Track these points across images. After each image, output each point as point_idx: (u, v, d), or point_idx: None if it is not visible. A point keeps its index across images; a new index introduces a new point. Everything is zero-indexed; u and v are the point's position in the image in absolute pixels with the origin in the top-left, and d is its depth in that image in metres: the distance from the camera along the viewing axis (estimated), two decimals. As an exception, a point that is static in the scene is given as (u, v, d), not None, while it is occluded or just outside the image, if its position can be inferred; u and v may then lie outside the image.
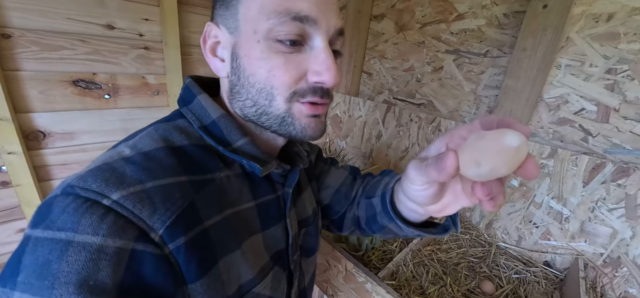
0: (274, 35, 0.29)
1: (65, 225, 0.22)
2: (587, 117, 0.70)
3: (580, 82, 0.69)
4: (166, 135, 0.31)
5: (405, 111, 0.97)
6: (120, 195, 0.24)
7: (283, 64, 0.30)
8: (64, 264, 0.21)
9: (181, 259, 0.26)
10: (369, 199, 0.46)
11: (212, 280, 0.29)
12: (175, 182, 0.28)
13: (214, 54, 0.34)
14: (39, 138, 0.95)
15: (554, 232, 0.74)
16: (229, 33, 0.32)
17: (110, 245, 0.23)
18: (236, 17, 0.30)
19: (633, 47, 0.61)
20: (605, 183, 0.65)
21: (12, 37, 0.84)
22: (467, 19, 0.84)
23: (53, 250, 0.22)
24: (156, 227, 0.25)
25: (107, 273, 0.22)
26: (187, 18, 1.13)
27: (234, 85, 0.33)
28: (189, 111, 0.34)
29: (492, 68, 0.82)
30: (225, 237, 0.31)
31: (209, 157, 0.32)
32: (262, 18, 0.29)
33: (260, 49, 0.30)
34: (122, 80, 1.06)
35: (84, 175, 0.25)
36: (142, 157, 0.28)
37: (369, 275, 0.55)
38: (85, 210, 0.23)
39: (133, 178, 0.26)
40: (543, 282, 0.71)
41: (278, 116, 0.32)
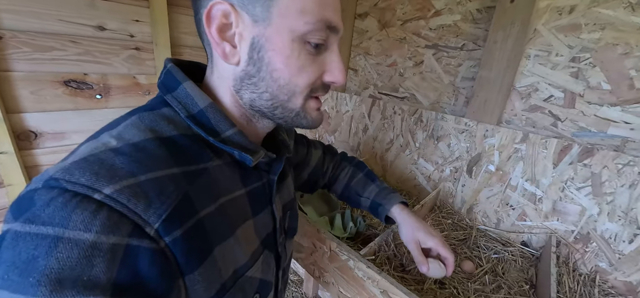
0: (308, 38, 0.31)
1: (53, 220, 0.21)
2: (556, 103, 0.74)
3: (548, 71, 0.73)
4: (153, 125, 0.30)
5: (389, 104, 1.01)
6: (114, 189, 0.23)
7: (309, 65, 0.32)
8: (53, 260, 0.20)
9: (178, 252, 0.26)
10: (357, 195, 0.64)
11: (209, 268, 0.30)
12: (169, 174, 0.27)
13: (223, 36, 0.31)
14: (31, 138, 0.96)
15: (529, 212, 0.78)
16: (253, 21, 0.30)
17: (104, 241, 0.22)
18: (269, 9, 0.29)
19: (593, 36, 0.66)
20: (572, 164, 0.70)
21: (4, 39, 0.86)
22: (444, 15, 0.88)
23: (39, 245, 0.21)
24: (152, 221, 0.24)
25: (102, 269, 0.22)
26: (177, 19, 1.16)
27: (251, 76, 0.32)
28: (174, 99, 0.32)
29: (468, 60, 0.86)
30: (220, 226, 0.31)
31: (198, 147, 0.32)
32: (301, 20, 0.29)
33: (292, 48, 0.30)
34: (113, 80, 1.08)
35: (69, 167, 0.24)
36: (132, 148, 0.27)
37: (351, 253, 0.58)
38: (76, 205, 0.22)
39: (125, 171, 0.25)
40: (520, 260, 0.75)
41: (293, 110, 0.34)
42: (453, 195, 0.92)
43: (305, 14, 0.30)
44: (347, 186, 0.65)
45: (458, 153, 0.88)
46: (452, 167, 0.90)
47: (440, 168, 0.93)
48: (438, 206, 0.94)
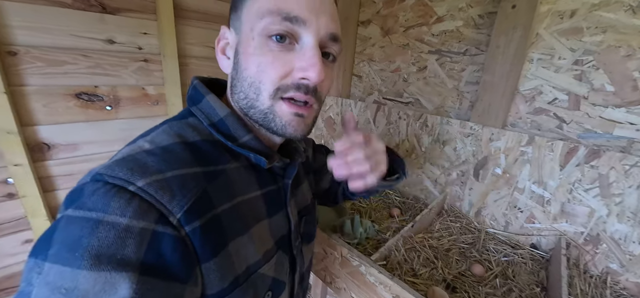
0: (266, 33, 0.32)
1: (96, 206, 0.25)
2: (560, 106, 0.75)
3: (552, 74, 0.74)
4: (180, 131, 0.34)
5: (394, 109, 1.03)
6: (145, 182, 0.27)
7: (271, 60, 0.32)
8: (95, 239, 0.24)
9: (196, 241, 0.29)
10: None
11: (223, 260, 0.32)
12: (191, 173, 0.31)
13: (223, 53, 0.38)
14: (44, 150, 0.98)
15: (538, 215, 0.78)
16: (235, 34, 0.36)
17: (135, 226, 0.25)
18: (240, 18, 0.34)
19: (595, 39, 0.67)
20: (579, 166, 0.70)
21: (18, 54, 0.88)
22: (446, 21, 0.90)
23: (84, 227, 0.24)
24: (175, 212, 0.28)
25: (132, 250, 0.25)
26: (183, 30, 1.19)
27: (233, 79, 0.37)
28: (198, 110, 0.37)
29: (471, 65, 0.88)
30: (235, 222, 0.34)
31: (218, 151, 0.36)
32: (258, 17, 0.32)
33: (254, 46, 0.33)
34: (122, 91, 1.10)
35: (111, 165, 0.28)
36: (161, 150, 0.31)
37: (362, 258, 0.59)
38: (114, 195, 0.26)
39: (154, 168, 0.29)
40: (530, 263, 0.75)
41: (262, 111, 0.34)
42: (460, 198, 0.92)
43: (261, 11, 0.32)
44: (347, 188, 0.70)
45: (464, 157, 0.89)
46: (458, 170, 0.91)
47: (447, 172, 0.94)
48: (446, 210, 0.94)
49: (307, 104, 0.35)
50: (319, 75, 0.32)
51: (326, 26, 0.33)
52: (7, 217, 0.96)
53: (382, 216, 0.89)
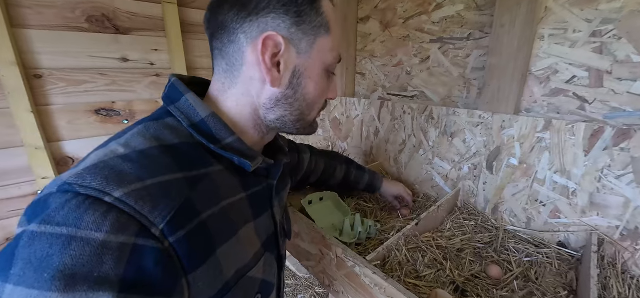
0: (330, 69, 0.40)
1: (67, 221, 0.23)
2: (580, 84, 0.67)
3: (567, 50, 0.67)
4: (158, 134, 0.32)
5: (398, 104, 0.98)
6: (123, 192, 0.25)
7: (325, 89, 0.41)
8: (67, 258, 0.22)
9: (182, 251, 0.28)
10: (356, 183, 0.85)
11: (211, 268, 0.31)
12: (172, 179, 0.29)
13: (273, 63, 0.35)
14: (69, 163, 1.07)
15: (563, 208, 0.70)
16: (297, 53, 0.36)
17: (113, 241, 0.23)
18: (312, 45, 0.37)
19: (614, 6, 0.60)
20: (607, 150, 0.62)
21: (43, 77, 0.98)
22: (445, 6, 0.85)
23: (53, 244, 0.22)
24: (157, 222, 0.26)
25: (111, 267, 0.23)
26: (191, 45, 1.25)
27: (288, 97, 0.38)
28: (176, 109, 0.35)
29: (476, 50, 0.82)
30: (222, 227, 0.33)
31: (200, 153, 0.34)
32: (331, 55, 0.39)
33: (321, 76, 0.39)
34: (137, 105, 1.17)
35: (80, 173, 0.26)
36: (139, 155, 0.29)
37: (357, 259, 0.55)
38: (88, 207, 0.24)
39: (133, 175, 0.27)
40: (556, 263, 0.67)
41: (309, 122, 0.43)
42: (474, 194, 0.85)
43: (333, 51, 0.39)
44: (345, 180, 0.84)
45: (475, 149, 0.82)
46: (470, 164, 0.84)
47: (458, 166, 0.87)
48: (459, 207, 0.87)
49: None
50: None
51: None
52: (37, 226, 1.04)
53: (387, 216, 0.85)
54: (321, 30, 0.37)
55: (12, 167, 0.97)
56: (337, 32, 0.39)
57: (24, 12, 0.91)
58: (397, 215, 0.84)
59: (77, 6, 0.98)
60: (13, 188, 0.98)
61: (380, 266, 0.60)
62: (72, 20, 0.99)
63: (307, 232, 0.67)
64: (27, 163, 0.97)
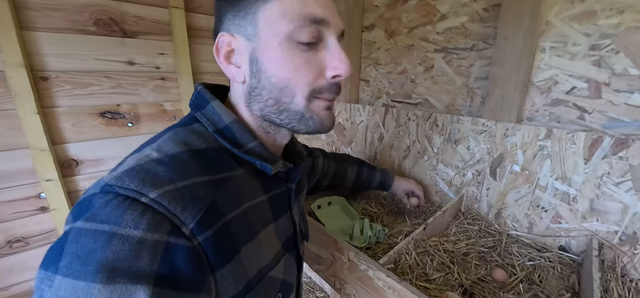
0: (295, 38, 0.32)
1: (109, 219, 0.25)
2: (580, 95, 0.70)
3: (567, 62, 0.70)
4: (186, 139, 0.34)
5: (403, 111, 1.01)
6: (157, 194, 0.27)
7: (304, 63, 0.34)
8: (109, 252, 0.24)
9: (209, 250, 0.29)
10: (369, 184, 0.88)
11: (236, 266, 0.33)
12: (200, 182, 0.31)
13: (229, 61, 0.36)
14: (73, 166, 1.06)
15: (564, 214, 0.72)
16: (246, 39, 0.34)
17: (149, 238, 0.25)
18: (255, 24, 0.33)
19: (612, 22, 0.63)
20: (606, 158, 0.64)
21: (49, 79, 0.97)
22: (450, 18, 0.89)
23: (97, 240, 0.24)
24: (187, 222, 0.28)
25: (147, 262, 0.25)
26: (197, 49, 1.26)
27: (254, 88, 0.36)
28: (203, 116, 0.37)
29: (480, 60, 0.85)
30: (244, 228, 0.35)
31: (224, 158, 0.36)
32: (284, 22, 0.32)
33: (282, 51, 0.33)
34: (142, 108, 1.17)
35: (120, 175, 0.28)
36: (170, 159, 0.31)
37: (370, 262, 0.57)
38: (127, 207, 0.25)
39: (165, 178, 0.29)
40: (559, 267, 0.69)
41: (297, 112, 0.35)
42: (478, 200, 0.88)
43: (286, 15, 0.32)
44: (357, 180, 0.85)
45: (479, 156, 0.85)
46: (474, 170, 0.87)
47: (462, 173, 0.90)
48: (462, 212, 0.89)
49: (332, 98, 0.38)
50: (350, 68, 0.35)
51: (340, 24, 0.36)
52: (39, 229, 1.03)
53: (394, 221, 0.86)
54: (260, 2, 0.32)
55: (16, 168, 0.96)
56: None
57: (33, 15, 0.91)
58: (404, 218, 0.86)
59: (85, 9, 0.99)
60: (16, 190, 0.97)
61: (392, 269, 0.61)
62: (80, 23, 0.99)
63: (318, 236, 0.68)
64: (31, 165, 0.97)
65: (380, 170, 0.87)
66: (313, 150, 0.77)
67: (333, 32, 0.34)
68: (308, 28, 0.32)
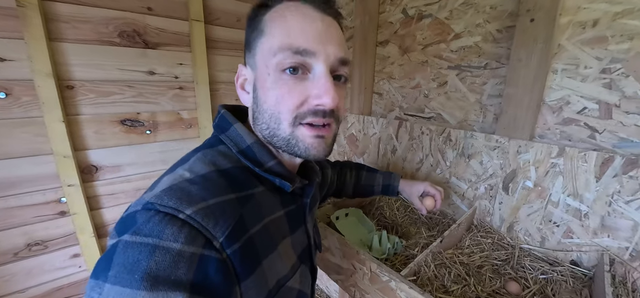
0: (280, 67, 0.36)
1: (152, 233, 0.27)
2: (591, 115, 0.73)
3: (578, 84, 0.74)
4: (214, 160, 0.38)
5: (417, 125, 1.04)
6: (192, 210, 0.30)
7: (287, 91, 0.36)
8: (152, 263, 0.26)
9: (236, 262, 0.32)
10: (370, 186, 0.82)
11: (259, 277, 0.35)
12: (228, 200, 0.34)
13: (243, 88, 0.43)
14: (93, 172, 1.09)
15: (576, 229, 0.75)
16: (252, 70, 0.40)
17: (186, 250, 0.28)
18: (255, 57, 0.39)
19: (622, 47, 0.67)
20: (617, 177, 0.67)
21: (75, 88, 1.01)
22: (464, 37, 0.92)
23: (142, 251, 0.27)
24: (218, 236, 0.31)
25: (184, 272, 0.27)
26: (214, 59, 1.29)
27: (255, 112, 0.40)
28: (227, 137, 0.41)
29: (493, 78, 0.88)
30: (266, 242, 0.37)
31: (247, 176, 0.39)
32: (271, 54, 0.36)
33: (270, 81, 0.37)
34: (160, 117, 1.20)
35: (159, 194, 0.31)
36: (201, 178, 0.34)
37: (392, 274, 0.59)
38: (167, 223, 0.28)
39: (198, 196, 0.31)
40: (571, 281, 0.71)
41: (284, 138, 0.38)
42: (490, 213, 0.90)
43: (272, 48, 0.36)
44: (357, 185, 0.82)
45: (492, 171, 0.88)
46: (486, 184, 0.90)
47: (474, 186, 0.92)
48: (475, 225, 0.92)
49: (325, 125, 0.38)
50: (333, 100, 0.36)
51: (334, 53, 0.37)
52: (58, 233, 1.05)
53: (408, 232, 0.89)
54: (258, 38, 0.38)
55: (40, 173, 0.98)
56: (277, 30, 0.36)
57: (62, 27, 0.95)
58: (418, 228, 0.88)
59: (110, 22, 1.02)
60: (38, 194, 0.99)
61: (413, 281, 0.63)
62: (105, 35, 1.03)
63: (339, 247, 0.70)
64: (54, 170, 0.99)
65: (382, 173, 0.83)
66: (320, 161, 0.76)
67: (322, 62, 0.36)
68: (291, 58, 0.35)
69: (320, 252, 0.58)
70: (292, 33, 0.35)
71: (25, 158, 0.95)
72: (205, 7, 1.21)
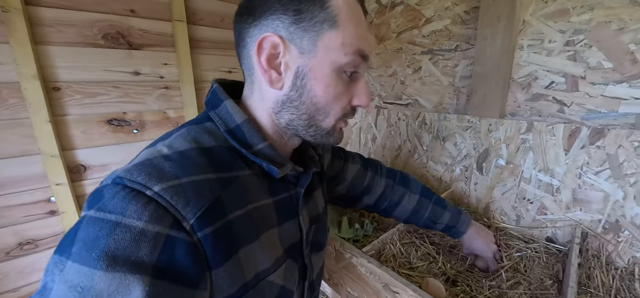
0: (343, 68, 0.35)
1: (115, 209, 0.26)
2: (558, 89, 0.73)
3: (544, 58, 0.73)
4: (197, 137, 0.34)
5: (393, 111, 1.04)
6: (161, 187, 0.27)
7: (343, 91, 0.36)
8: (111, 241, 0.24)
9: (208, 246, 0.29)
10: (432, 223, 0.65)
11: (233, 266, 0.32)
12: (205, 179, 0.31)
13: (271, 65, 0.35)
14: (81, 171, 1.12)
15: (549, 205, 0.74)
16: (299, 52, 0.34)
17: (150, 230, 0.26)
18: (316, 43, 0.34)
19: (583, 18, 0.66)
20: (585, 148, 0.67)
21: (61, 89, 1.04)
22: (434, 21, 0.93)
23: (103, 228, 0.25)
24: (188, 217, 0.28)
25: (146, 253, 0.25)
26: (199, 59, 1.32)
27: (293, 100, 0.36)
28: (216, 115, 0.37)
29: (464, 60, 0.89)
30: (246, 229, 0.34)
31: (233, 157, 0.36)
32: (342, 53, 0.34)
33: (331, 77, 0.35)
34: (147, 116, 1.24)
35: (130, 168, 0.28)
36: (178, 155, 0.31)
37: (354, 251, 0.59)
38: (132, 198, 0.26)
39: (171, 173, 0.29)
40: (544, 257, 0.70)
41: (325, 129, 0.38)
42: (467, 195, 0.90)
43: (345, 47, 0.34)
44: (416, 213, 0.64)
45: (465, 151, 0.87)
46: (461, 166, 0.89)
47: (450, 169, 0.92)
48: (452, 208, 0.91)
49: None
50: (370, 102, 0.40)
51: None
52: (48, 232, 1.09)
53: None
54: (324, 25, 0.33)
55: (28, 174, 1.02)
56: (350, 27, 0.34)
57: (47, 31, 0.99)
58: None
59: (94, 24, 1.06)
60: (26, 194, 1.03)
61: (376, 257, 0.64)
62: (90, 37, 1.06)
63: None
64: (42, 170, 1.03)
65: (451, 210, 0.64)
66: (351, 154, 0.64)
67: (366, 66, 0.38)
68: (358, 62, 0.35)
69: (322, 250, 0.52)
70: (363, 36, 0.35)
71: (14, 159, 0.99)
72: (188, 7, 1.24)
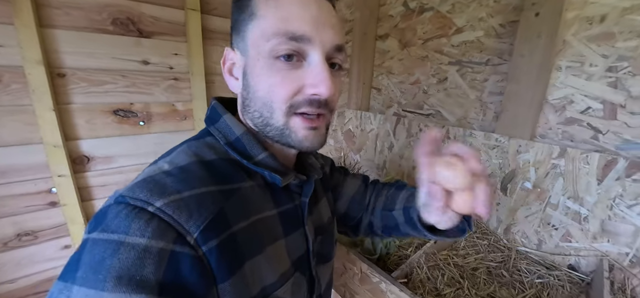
0: (273, 54, 0.33)
1: (118, 228, 0.26)
2: (594, 115, 0.71)
3: (583, 82, 0.71)
4: (197, 151, 0.35)
5: (415, 122, 1.01)
6: (163, 202, 0.28)
7: (281, 80, 0.33)
8: (116, 261, 0.24)
9: (213, 260, 0.29)
10: (389, 212, 0.51)
11: (239, 281, 0.32)
12: (207, 192, 0.31)
13: (231, 73, 0.39)
14: (84, 162, 1.07)
15: (574, 233, 0.73)
16: (241, 55, 0.36)
17: (154, 246, 0.25)
18: (246, 41, 0.35)
19: (630, 45, 0.64)
20: (619, 180, 0.65)
21: (66, 76, 0.99)
22: (466, 31, 0.89)
23: (107, 249, 0.25)
24: (192, 231, 0.28)
25: (151, 270, 0.25)
26: (210, 50, 1.27)
27: (245, 99, 0.38)
28: (215, 129, 0.38)
29: (494, 75, 0.85)
30: (251, 242, 0.34)
31: (234, 169, 0.36)
32: (264, 39, 0.33)
33: (261, 67, 0.34)
34: (154, 108, 1.18)
35: (133, 186, 0.29)
36: (179, 170, 0.32)
37: (383, 275, 0.57)
38: (135, 216, 0.26)
39: (172, 188, 0.29)
40: (568, 286, 0.69)
41: (278, 127, 0.35)
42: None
43: (266, 34, 0.33)
44: (383, 211, 0.54)
45: (490, 170, 0.85)
46: (483, 184, 0.87)
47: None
48: (470, 226, 0.90)
49: (319, 116, 0.36)
50: (329, 90, 0.34)
51: (331, 40, 0.34)
52: (49, 223, 1.04)
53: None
54: (248, 21, 0.34)
55: (30, 163, 0.97)
56: (269, 13, 0.33)
57: (53, 13, 0.93)
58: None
59: (104, 9, 1.00)
60: (29, 184, 0.98)
61: (405, 283, 0.61)
62: (98, 22, 1.00)
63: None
64: (44, 160, 0.98)
65: (409, 191, 0.53)
66: (353, 172, 0.61)
67: (317, 48, 0.33)
68: (285, 45, 0.32)
69: (329, 261, 0.50)
70: (287, 17, 0.32)
71: (16, 147, 0.94)
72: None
